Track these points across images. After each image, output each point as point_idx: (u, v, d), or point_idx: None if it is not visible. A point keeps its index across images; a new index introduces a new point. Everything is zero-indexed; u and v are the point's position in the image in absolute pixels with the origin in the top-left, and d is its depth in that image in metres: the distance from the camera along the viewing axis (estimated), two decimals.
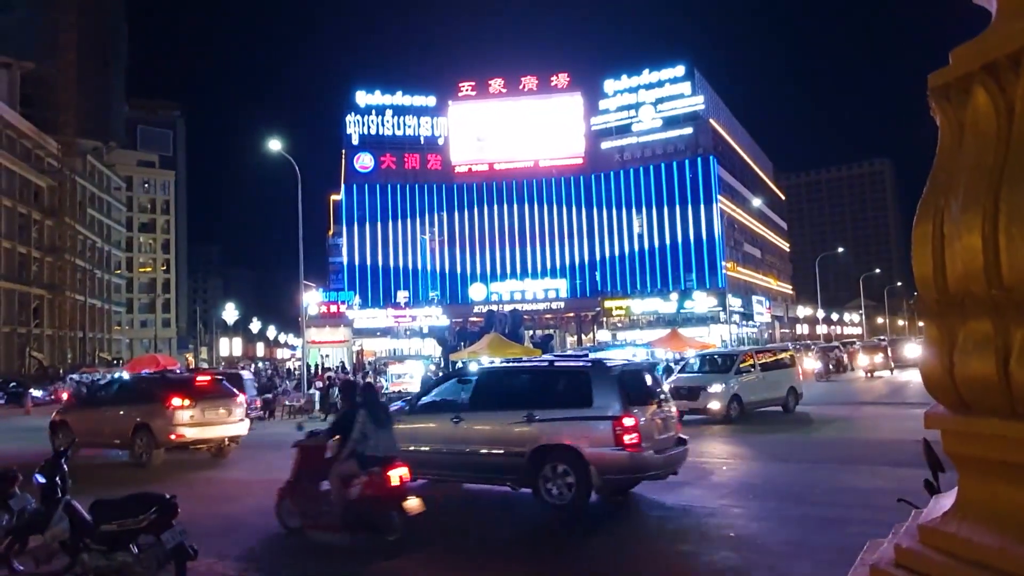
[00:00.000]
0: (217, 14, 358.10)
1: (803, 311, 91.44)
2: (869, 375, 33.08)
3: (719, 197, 77.19)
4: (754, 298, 79.88)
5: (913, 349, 39.90)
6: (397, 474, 7.16)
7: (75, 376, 42.88)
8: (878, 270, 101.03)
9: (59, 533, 5.99)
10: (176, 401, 13.91)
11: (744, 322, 75.29)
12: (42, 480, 6.29)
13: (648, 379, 10.20)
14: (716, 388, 18.61)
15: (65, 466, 6.42)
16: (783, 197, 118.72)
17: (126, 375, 32.44)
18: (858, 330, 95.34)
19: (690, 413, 18.47)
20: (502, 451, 9.03)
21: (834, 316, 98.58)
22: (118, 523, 5.70)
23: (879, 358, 34.51)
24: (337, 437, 7.71)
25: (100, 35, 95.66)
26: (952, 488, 1.60)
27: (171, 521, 5.67)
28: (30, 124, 66.02)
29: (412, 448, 8.98)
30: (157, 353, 70.75)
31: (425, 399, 10.72)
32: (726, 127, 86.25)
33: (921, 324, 1.66)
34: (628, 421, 8.60)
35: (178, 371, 36.14)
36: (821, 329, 74.81)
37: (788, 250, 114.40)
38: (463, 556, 7.23)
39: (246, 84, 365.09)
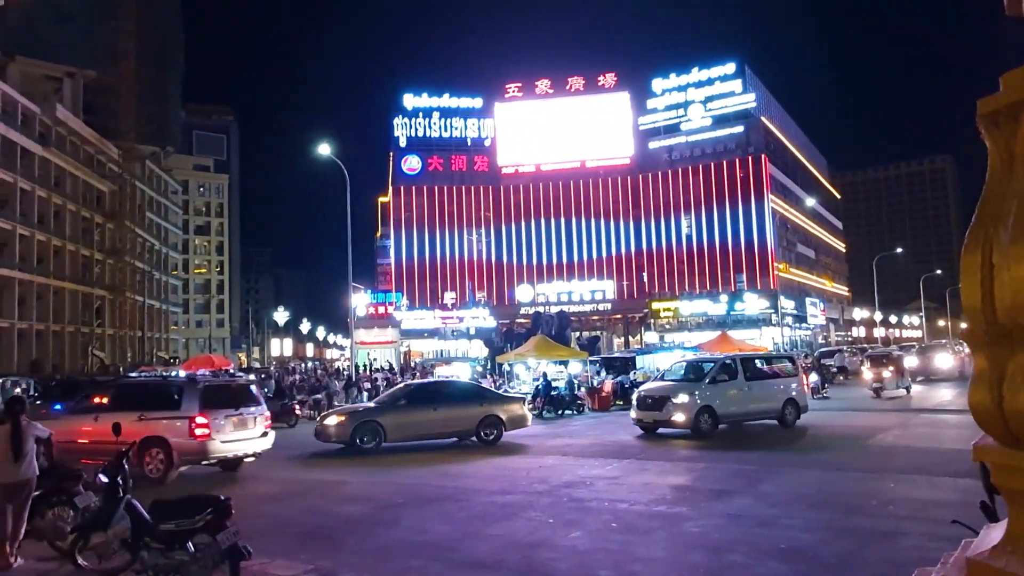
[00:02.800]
0: (268, 21, 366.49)
1: (860, 313, 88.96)
2: (875, 393, 25.81)
3: (771, 196, 75.68)
4: (808, 300, 78.03)
5: (945, 359, 34.87)
6: None
7: (134, 374, 44.35)
8: (939, 271, 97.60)
9: (121, 531, 6.23)
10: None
11: (797, 324, 73.66)
12: (105, 479, 6.54)
13: (237, 391, 13.51)
14: (681, 398, 17.12)
15: (127, 466, 6.66)
16: (838, 196, 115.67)
17: (182, 373, 33.53)
18: (918, 333, 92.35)
19: (655, 425, 17.51)
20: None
21: (892, 318, 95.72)
22: (176, 523, 5.91)
23: (888, 372, 26.33)
24: None
25: (158, 43, 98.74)
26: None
27: (225, 522, 5.86)
28: (92, 131, 68.49)
29: None
30: (212, 353, 72.86)
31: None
32: (778, 125, 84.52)
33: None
34: (200, 420, 12.09)
35: (231, 370, 37.15)
36: (878, 332, 72.73)
37: (844, 250, 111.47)
38: None
39: (296, 89, 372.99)
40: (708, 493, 10.44)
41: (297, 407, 24.42)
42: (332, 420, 16.35)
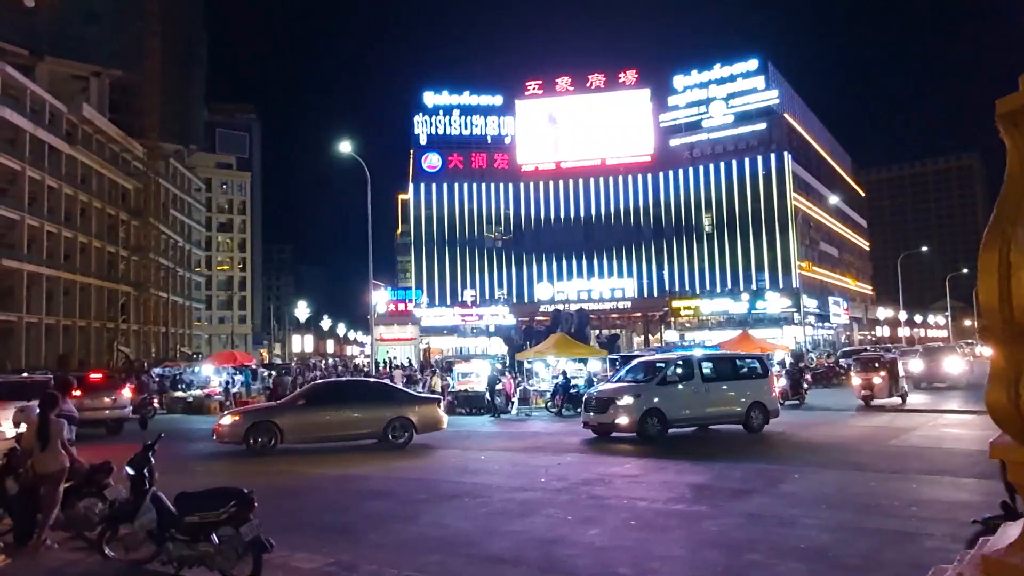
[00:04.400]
0: (290, 20, 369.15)
1: (884, 312, 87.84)
2: (865, 403, 22.73)
3: (794, 194, 74.91)
4: (831, 299, 77.17)
5: (955, 363, 30.50)
6: None
7: (158, 370, 44.95)
8: (965, 269, 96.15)
9: (147, 523, 6.36)
10: None
11: (820, 323, 72.92)
12: (132, 472, 6.67)
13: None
14: (625, 400, 16.29)
15: (152, 459, 6.79)
16: (863, 193, 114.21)
17: (209, 368, 33.96)
18: (944, 332, 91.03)
19: (602, 429, 16.72)
20: None
21: (917, 318, 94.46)
22: (200, 515, 6.02)
23: (879, 379, 22.81)
24: None
25: (182, 42, 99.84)
26: None
27: (249, 515, 5.95)
28: (117, 129, 69.44)
29: None
30: (234, 349, 73.64)
31: None
32: (801, 122, 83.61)
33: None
34: None
35: (252, 366, 37.55)
36: (903, 331, 71.82)
37: (868, 248, 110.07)
38: None
39: (318, 87, 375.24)
40: (728, 492, 10.40)
41: None
42: (227, 420, 15.79)
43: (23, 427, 8.10)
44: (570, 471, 12.61)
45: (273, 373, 35.00)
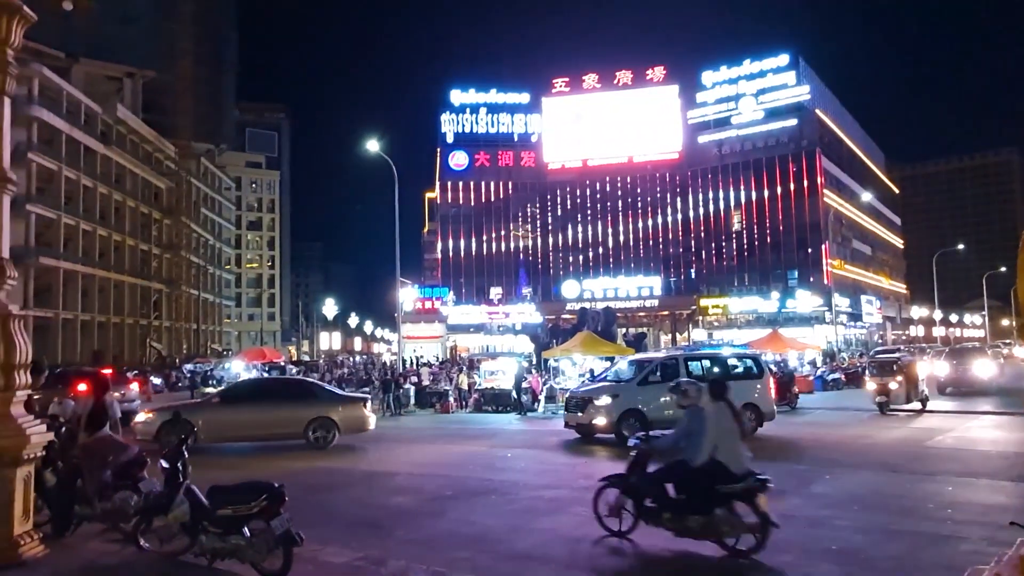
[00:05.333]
0: (317, 19, 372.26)
1: (918, 312, 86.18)
2: (880, 409, 20.88)
3: (825, 191, 73.83)
4: (863, 297, 75.94)
5: (984, 366, 27.37)
6: None
7: (189, 366, 45.71)
8: (1003, 268, 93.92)
9: (180, 515, 6.45)
10: None
11: (852, 323, 71.75)
12: (166, 465, 6.77)
13: None
14: (603, 400, 15.82)
15: (186, 453, 6.87)
16: (896, 190, 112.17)
17: (239, 365, 34.45)
18: (980, 332, 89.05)
19: (581, 429, 16.27)
20: None
21: (953, 317, 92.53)
22: (232, 508, 6.10)
23: (896, 383, 20.99)
24: None
25: (213, 43, 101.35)
26: None
27: (279, 509, 6.01)
28: (150, 129, 70.62)
29: None
30: (263, 346, 74.58)
31: None
32: (833, 117, 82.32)
33: None
34: None
35: (280, 363, 38.01)
36: (938, 331, 70.42)
37: (902, 246, 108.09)
38: None
39: (345, 86, 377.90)
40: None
41: None
42: (141, 416, 15.40)
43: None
44: (596, 469, 12.53)
45: (301, 370, 35.37)
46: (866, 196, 78.91)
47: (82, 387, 9.14)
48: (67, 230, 53.88)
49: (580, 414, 16.19)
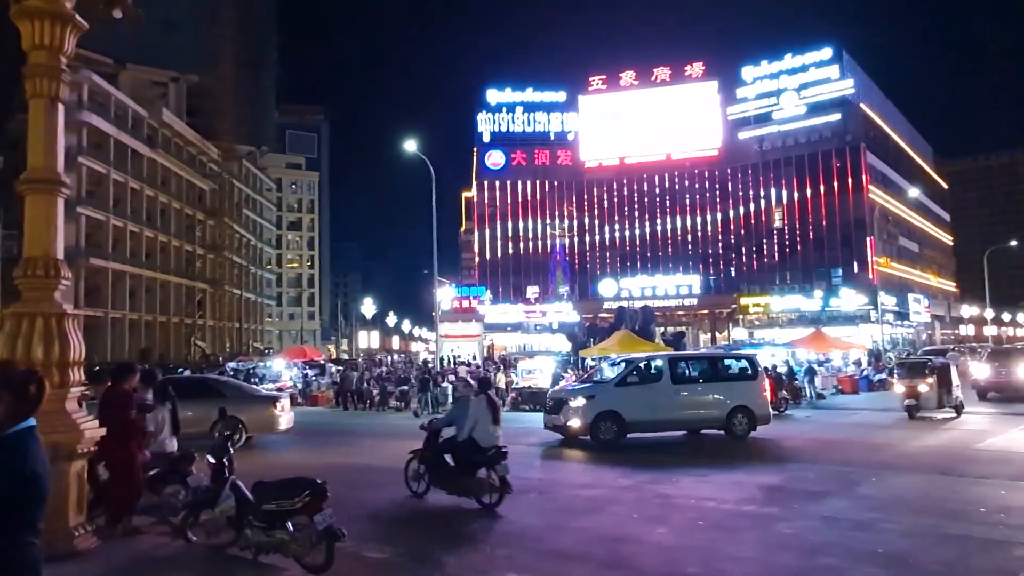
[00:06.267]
0: (355, 21, 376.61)
1: (968, 310, 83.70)
2: (909, 413, 19.46)
3: (870, 187, 72.10)
4: (910, 296, 73.98)
5: None
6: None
7: (232, 364, 46.56)
8: None
9: (226, 509, 6.60)
10: None
11: (899, 322, 69.98)
12: (212, 461, 6.92)
13: None
14: (577, 402, 15.27)
15: (231, 449, 7.02)
16: (945, 185, 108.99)
17: (280, 363, 35.01)
18: None
19: (557, 431, 15.79)
20: None
21: (1005, 316, 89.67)
22: (276, 503, 6.22)
23: (926, 386, 19.52)
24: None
25: (255, 47, 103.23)
26: None
27: (322, 504, 6.10)
28: (194, 132, 72.28)
29: None
30: (303, 344, 75.74)
31: None
32: (879, 111, 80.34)
33: None
34: None
35: (321, 361, 38.51)
36: (989, 330, 68.32)
37: (951, 243, 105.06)
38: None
39: (383, 86, 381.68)
40: (802, 494, 10.09)
41: None
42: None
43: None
44: (635, 469, 12.45)
45: (340, 369, 35.80)
46: (913, 192, 76.90)
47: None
48: (115, 231, 55.39)
49: (555, 415, 15.72)
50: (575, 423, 15.15)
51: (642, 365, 16.64)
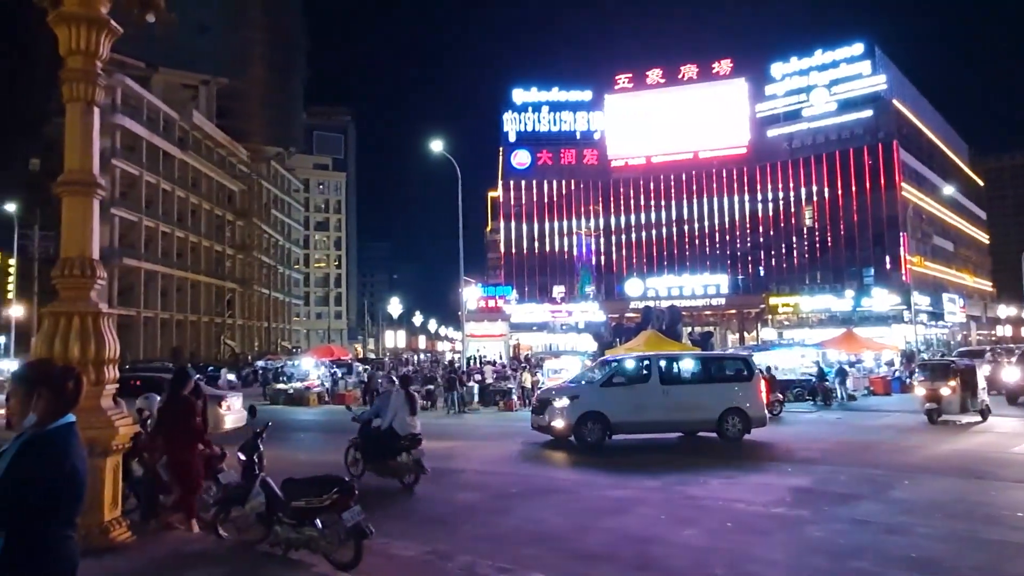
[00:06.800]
0: (380, 23, 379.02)
1: (1005, 310, 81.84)
2: (929, 418, 18.48)
3: (903, 185, 70.84)
4: (945, 296, 72.51)
5: None
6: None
7: (261, 362, 47.13)
8: None
9: (257, 506, 6.69)
10: None
11: (933, 322, 68.64)
12: (243, 458, 7.01)
13: None
14: (561, 402, 15.07)
15: (261, 446, 7.10)
16: (981, 183, 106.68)
17: (308, 362, 35.37)
18: None
19: (543, 431, 15.54)
20: None
21: None
22: (305, 500, 6.28)
23: (947, 389, 18.40)
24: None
25: (283, 49, 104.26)
26: None
27: (350, 502, 6.15)
28: (224, 134, 73.30)
29: None
30: (331, 344, 76.43)
31: None
32: (912, 108, 78.84)
33: None
34: None
35: (348, 360, 38.79)
36: None
37: (987, 242, 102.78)
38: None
39: (409, 87, 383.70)
40: (832, 497, 9.95)
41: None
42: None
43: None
44: (662, 469, 12.38)
45: (367, 368, 36.06)
46: (948, 189, 75.42)
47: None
48: (148, 232, 56.36)
49: (540, 416, 15.54)
50: (559, 423, 14.92)
51: (629, 365, 16.33)
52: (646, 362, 16.17)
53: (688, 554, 7.25)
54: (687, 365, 16.82)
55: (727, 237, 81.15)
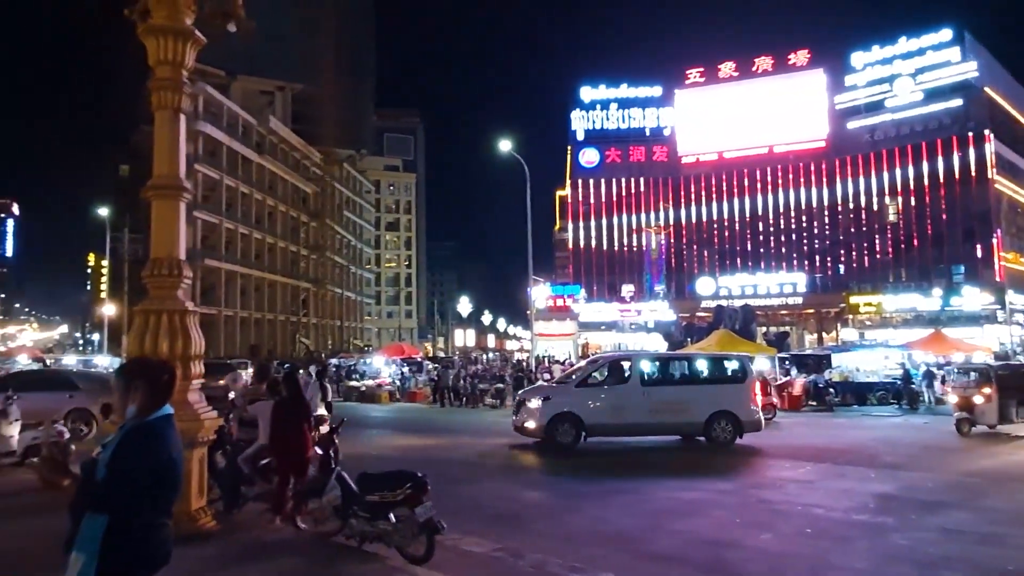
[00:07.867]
0: (448, 23, 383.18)
1: None
2: (959, 428, 16.82)
3: (997, 177, 67.01)
4: None
5: None
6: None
7: (334, 360, 48.32)
8: None
9: (333, 499, 6.88)
10: None
11: None
12: (319, 452, 7.20)
13: None
14: (534, 403, 14.74)
15: (337, 440, 7.28)
16: None
17: (380, 360, 36.10)
18: None
19: (518, 431, 15.04)
20: None
21: None
22: (379, 495, 6.42)
23: (981, 398, 16.71)
24: None
25: (354, 54, 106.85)
26: None
27: (423, 497, 6.25)
28: (298, 138, 75.57)
29: None
30: (401, 342, 77.71)
31: None
32: (1005, 95, 74.33)
33: None
34: None
35: (418, 359, 39.36)
36: None
37: None
38: None
39: (477, 86, 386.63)
40: (919, 504, 9.51)
41: None
42: None
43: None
44: (736, 472, 12.10)
45: (437, 366, 36.51)
46: None
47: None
48: (228, 234, 58.62)
49: (515, 416, 15.30)
50: (530, 424, 14.59)
51: (608, 365, 15.90)
52: (626, 362, 15.81)
53: (763, 559, 7.05)
54: (672, 366, 16.48)
55: (804, 234, 78.64)
